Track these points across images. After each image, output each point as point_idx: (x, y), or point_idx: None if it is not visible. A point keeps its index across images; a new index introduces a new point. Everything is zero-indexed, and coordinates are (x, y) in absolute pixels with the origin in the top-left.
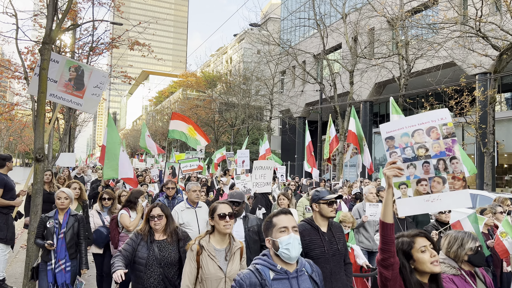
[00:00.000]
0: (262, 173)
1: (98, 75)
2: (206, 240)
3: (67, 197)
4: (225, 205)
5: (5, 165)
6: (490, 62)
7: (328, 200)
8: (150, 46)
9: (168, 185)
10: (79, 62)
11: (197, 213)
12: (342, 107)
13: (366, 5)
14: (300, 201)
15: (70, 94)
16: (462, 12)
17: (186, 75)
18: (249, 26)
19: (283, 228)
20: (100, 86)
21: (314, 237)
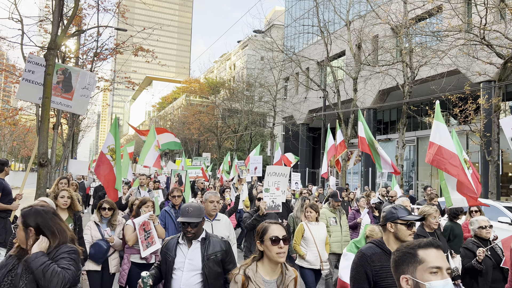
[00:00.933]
0: (276, 180)
1: (86, 76)
2: (253, 269)
3: None
4: (278, 227)
5: (3, 170)
6: (495, 70)
7: (408, 222)
8: (154, 52)
9: (174, 193)
10: (65, 65)
11: (213, 227)
12: (346, 114)
13: (370, 12)
14: (322, 212)
15: (59, 96)
16: (467, 20)
17: (189, 81)
18: (253, 33)
19: (436, 269)
20: (89, 87)
21: (386, 263)
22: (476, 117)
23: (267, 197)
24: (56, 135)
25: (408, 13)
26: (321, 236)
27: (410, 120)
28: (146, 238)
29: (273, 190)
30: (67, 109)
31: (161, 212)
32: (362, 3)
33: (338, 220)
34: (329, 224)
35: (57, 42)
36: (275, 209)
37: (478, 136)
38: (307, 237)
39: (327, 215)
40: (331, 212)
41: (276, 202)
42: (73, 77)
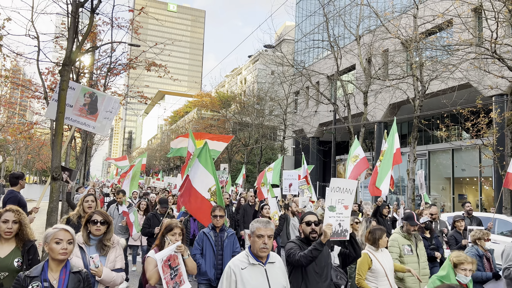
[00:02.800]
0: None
1: (111, 101)
2: None
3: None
4: None
5: (18, 183)
6: (507, 83)
7: None
8: (166, 67)
9: (216, 212)
10: (93, 90)
11: (268, 274)
12: (356, 128)
13: (380, 27)
14: (393, 239)
15: (84, 117)
16: (477, 34)
17: (201, 95)
18: (264, 48)
19: None
20: (112, 110)
21: None
22: (489, 131)
23: (332, 218)
24: (69, 149)
25: (418, 27)
26: (390, 265)
27: (421, 134)
28: (172, 277)
29: (340, 208)
30: (90, 130)
31: (198, 235)
32: (372, 18)
33: (414, 249)
34: (403, 253)
35: (71, 58)
36: (342, 235)
37: (491, 150)
38: (376, 269)
39: (400, 242)
40: (405, 238)
41: (343, 226)
42: (99, 101)
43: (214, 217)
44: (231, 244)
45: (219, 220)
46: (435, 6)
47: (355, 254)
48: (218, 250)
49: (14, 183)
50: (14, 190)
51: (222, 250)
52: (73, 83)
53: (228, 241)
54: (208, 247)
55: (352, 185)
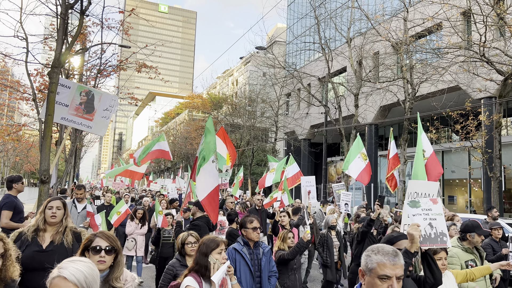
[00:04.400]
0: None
1: (108, 98)
2: None
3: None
4: None
5: (12, 187)
6: (495, 86)
7: None
8: (157, 69)
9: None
10: (89, 87)
11: None
12: (347, 130)
13: (370, 29)
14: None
15: (80, 117)
16: (466, 37)
17: (192, 97)
18: (255, 49)
19: None
20: (110, 109)
21: None
22: (478, 133)
23: (418, 216)
24: (59, 151)
25: (408, 30)
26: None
27: (412, 135)
28: None
29: (427, 203)
30: (88, 130)
31: (228, 252)
32: (363, 20)
33: (479, 263)
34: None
35: (60, 60)
36: (438, 241)
37: (479, 152)
38: None
39: (462, 257)
40: (467, 252)
41: (437, 227)
42: (96, 99)
43: (253, 229)
44: (268, 263)
45: (255, 234)
46: (425, 10)
47: (433, 280)
48: (256, 271)
49: (9, 187)
50: (11, 194)
51: (260, 271)
52: (68, 82)
53: (265, 259)
54: (243, 267)
55: (434, 188)
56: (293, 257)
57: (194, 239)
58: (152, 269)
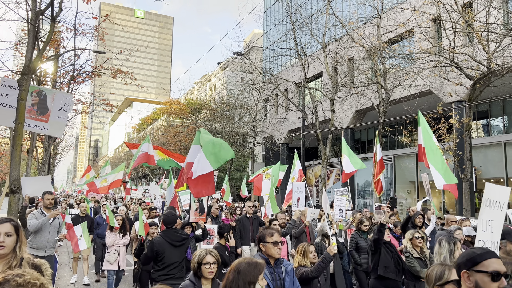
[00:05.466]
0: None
1: (62, 97)
2: None
3: None
4: None
5: None
6: (465, 90)
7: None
8: (133, 75)
9: (273, 237)
10: (41, 87)
11: None
12: (324, 134)
13: (345, 36)
14: None
15: (34, 119)
16: (437, 43)
17: (169, 102)
18: (232, 55)
19: None
20: (65, 108)
21: None
22: (449, 136)
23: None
24: (30, 159)
25: (381, 36)
26: None
27: (387, 139)
28: None
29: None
30: (43, 132)
31: None
32: (338, 26)
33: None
34: None
35: (31, 67)
36: None
37: (451, 154)
38: None
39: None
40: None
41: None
42: (49, 99)
43: (272, 244)
44: (292, 283)
45: (278, 250)
46: (397, 16)
47: None
48: None
49: None
50: None
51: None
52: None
53: (288, 279)
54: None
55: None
56: (318, 274)
57: (213, 258)
58: (129, 281)
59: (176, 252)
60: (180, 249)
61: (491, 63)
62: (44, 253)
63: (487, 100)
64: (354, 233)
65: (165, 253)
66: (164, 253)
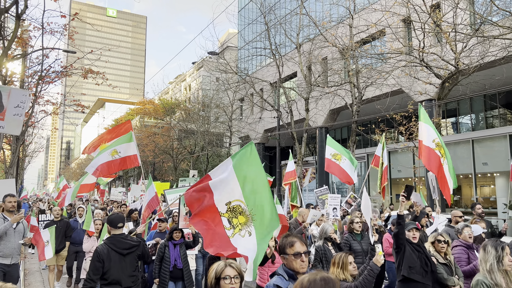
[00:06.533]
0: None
1: (18, 94)
2: None
3: None
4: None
5: None
6: (434, 89)
7: None
8: (104, 74)
9: (296, 247)
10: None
11: None
12: (299, 133)
13: (318, 36)
14: None
15: None
16: (407, 43)
17: (143, 103)
18: (207, 55)
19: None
20: (22, 105)
21: None
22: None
23: None
24: None
25: (353, 36)
26: None
27: (360, 138)
28: None
29: None
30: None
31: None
32: (311, 27)
33: None
34: None
35: None
36: None
37: None
38: None
39: None
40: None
41: None
42: (4, 96)
43: (293, 256)
44: None
45: (302, 263)
46: (368, 17)
47: None
48: None
49: None
50: None
51: None
52: None
53: None
54: None
55: None
56: None
57: (234, 271)
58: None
59: (125, 261)
60: (129, 257)
61: (458, 63)
62: (10, 261)
63: (456, 99)
64: (347, 236)
65: (110, 263)
66: (109, 263)
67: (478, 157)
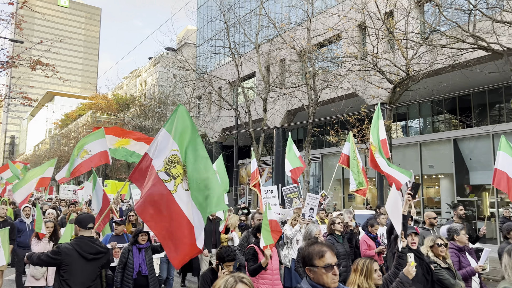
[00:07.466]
0: None
1: None
2: None
3: None
4: None
5: None
6: (386, 94)
7: None
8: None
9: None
10: None
11: None
12: (257, 133)
13: (277, 37)
14: None
15: None
16: (362, 48)
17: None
18: (165, 50)
19: None
20: None
21: None
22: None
23: None
24: None
25: (311, 39)
26: None
27: (316, 139)
28: None
29: None
30: None
31: None
32: (270, 28)
33: None
34: None
35: None
36: None
37: None
38: None
39: None
40: None
41: None
42: None
43: (325, 268)
44: None
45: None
46: (326, 21)
47: None
48: None
49: None
50: None
51: None
52: None
53: None
54: None
55: None
56: None
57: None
58: None
59: (87, 267)
60: (92, 264)
61: (409, 69)
62: None
63: (406, 103)
64: (329, 238)
65: (71, 266)
66: (69, 265)
67: (425, 159)
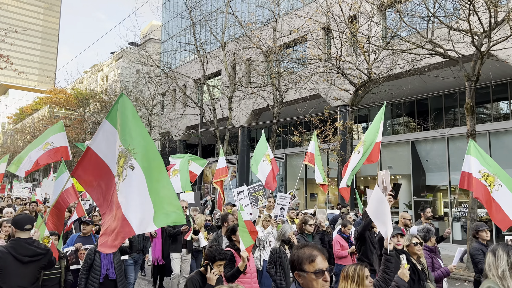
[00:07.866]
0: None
1: None
2: None
3: None
4: None
5: None
6: (349, 96)
7: None
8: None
9: (317, 263)
10: None
11: None
12: (222, 132)
13: (243, 36)
14: None
15: None
16: (326, 50)
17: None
18: (128, 45)
19: None
20: None
21: None
22: (334, 137)
23: None
24: None
25: (277, 40)
26: None
27: (280, 138)
28: None
29: None
30: None
31: None
32: (236, 26)
33: None
34: None
35: None
36: None
37: (335, 154)
38: None
39: None
40: None
41: None
42: None
43: (315, 274)
44: None
45: (324, 283)
46: (292, 22)
47: None
48: None
49: None
50: None
51: None
52: None
53: None
54: None
55: None
56: None
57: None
58: None
59: (23, 271)
60: (30, 267)
61: (371, 72)
62: None
63: (367, 106)
64: (298, 237)
65: (5, 271)
66: (3, 270)
67: (384, 160)
